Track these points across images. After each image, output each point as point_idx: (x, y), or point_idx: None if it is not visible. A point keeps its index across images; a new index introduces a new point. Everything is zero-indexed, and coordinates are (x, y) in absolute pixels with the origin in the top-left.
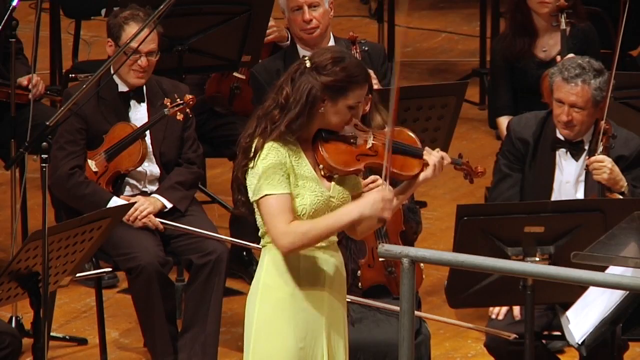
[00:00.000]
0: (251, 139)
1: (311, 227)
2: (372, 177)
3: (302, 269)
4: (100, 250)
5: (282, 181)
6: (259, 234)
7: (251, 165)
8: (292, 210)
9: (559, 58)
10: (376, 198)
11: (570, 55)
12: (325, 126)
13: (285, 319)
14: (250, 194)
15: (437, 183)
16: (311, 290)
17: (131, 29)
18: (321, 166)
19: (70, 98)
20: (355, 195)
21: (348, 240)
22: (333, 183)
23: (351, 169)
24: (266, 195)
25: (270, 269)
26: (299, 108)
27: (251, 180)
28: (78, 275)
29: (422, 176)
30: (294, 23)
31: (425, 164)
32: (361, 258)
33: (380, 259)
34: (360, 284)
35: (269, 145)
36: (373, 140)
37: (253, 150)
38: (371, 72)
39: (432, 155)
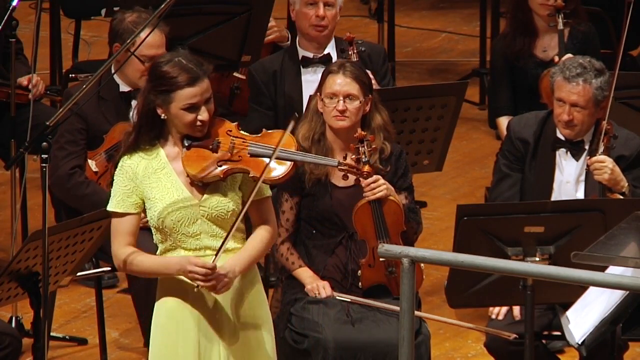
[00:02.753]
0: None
1: (134, 262)
2: (374, 177)
3: (184, 284)
4: (100, 250)
5: (124, 200)
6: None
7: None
8: (130, 231)
9: (556, 59)
10: (185, 268)
11: (569, 55)
12: (181, 132)
13: (174, 326)
14: None
15: (437, 183)
16: (200, 301)
17: (144, 34)
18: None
19: (71, 98)
20: (260, 199)
21: (348, 241)
22: (206, 192)
23: (208, 175)
24: (111, 210)
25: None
26: (141, 119)
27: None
28: (78, 275)
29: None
30: (304, 17)
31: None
32: (361, 258)
33: (381, 259)
34: (360, 283)
35: (122, 160)
36: (237, 146)
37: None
38: (369, 72)
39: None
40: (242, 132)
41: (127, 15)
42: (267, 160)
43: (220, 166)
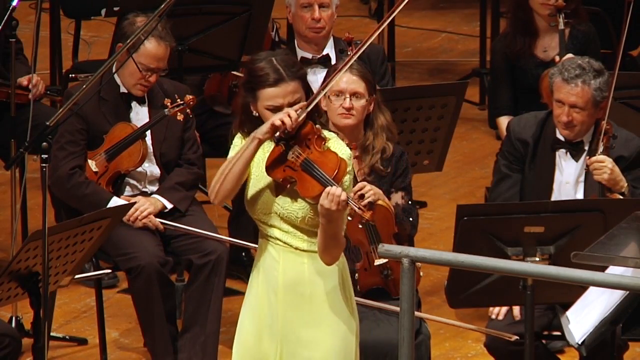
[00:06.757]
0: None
1: (224, 169)
2: (359, 185)
3: (261, 267)
4: (100, 250)
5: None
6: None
7: None
8: None
9: (557, 58)
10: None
11: (569, 55)
12: None
13: (244, 315)
14: None
15: (437, 183)
16: (266, 290)
17: (150, 44)
18: None
19: (71, 98)
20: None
21: (348, 241)
22: (284, 191)
23: (274, 177)
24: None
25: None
26: (242, 113)
27: None
28: (78, 277)
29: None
30: (300, 20)
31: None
32: (357, 262)
33: (375, 264)
34: (358, 287)
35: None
36: (298, 155)
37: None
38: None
39: (333, 187)
40: (323, 135)
41: (139, 19)
42: (307, 175)
43: (284, 171)
